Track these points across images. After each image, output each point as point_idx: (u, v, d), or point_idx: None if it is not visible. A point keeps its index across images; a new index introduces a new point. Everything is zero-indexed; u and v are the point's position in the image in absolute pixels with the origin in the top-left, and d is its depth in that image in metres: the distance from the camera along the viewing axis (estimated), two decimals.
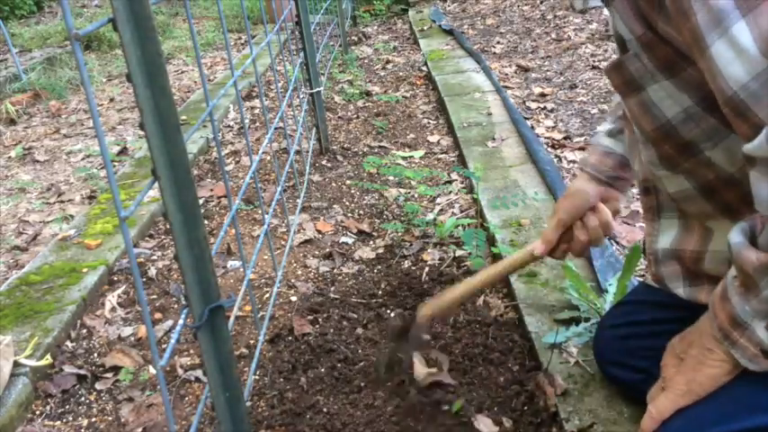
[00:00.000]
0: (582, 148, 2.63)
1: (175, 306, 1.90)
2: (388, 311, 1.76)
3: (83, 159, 3.30)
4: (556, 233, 1.20)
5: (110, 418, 1.50)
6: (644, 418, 0.94)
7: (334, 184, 2.61)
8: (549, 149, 2.64)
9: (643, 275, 1.70)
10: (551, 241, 1.21)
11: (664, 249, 1.07)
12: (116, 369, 1.64)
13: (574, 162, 2.53)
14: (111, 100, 4.35)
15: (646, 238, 1.11)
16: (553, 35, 4.58)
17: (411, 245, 2.10)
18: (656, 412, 0.92)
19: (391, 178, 2.61)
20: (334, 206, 2.42)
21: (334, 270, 2.00)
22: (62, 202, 2.79)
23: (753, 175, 0.74)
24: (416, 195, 2.46)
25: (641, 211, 1.23)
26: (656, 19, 0.81)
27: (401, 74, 4.25)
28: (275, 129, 3.23)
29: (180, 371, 1.61)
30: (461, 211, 2.30)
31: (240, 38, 6.04)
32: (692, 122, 0.87)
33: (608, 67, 0.94)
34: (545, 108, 3.18)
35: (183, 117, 3.51)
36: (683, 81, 0.84)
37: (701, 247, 1.02)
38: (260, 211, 2.42)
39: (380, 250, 2.10)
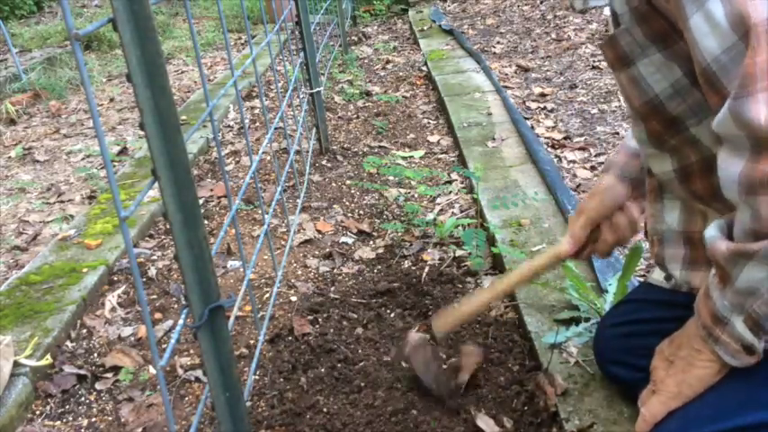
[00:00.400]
0: (582, 148, 2.63)
1: (175, 306, 1.90)
2: (388, 311, 1.76)
3: (83, 159, 3.30)
4: (585, 231, 1.17)
5: (110, 418, 1.50)
6: (637, 421, 0.94)
7: (334, 184, 2.61)
8: (549, 149, 2.64)
9: (643, 275, 1.70)
10: (580, 240, 1.17)
11: (671, 231, 1.07)
12: (116, 369, 1.64)
13: (574, 162, 2.53)
14: (111, 100, 4.35)
15: (647, 219, 1.12)
16: (553, 35, 4.58)
17: (411, 245, 2.10)
18: (649, 415, 0.93)
19: (391, 178, 2.61)
20: (334, 206, 2.42)
21: (334, 270, 2.00)
22: (62, 202, 2.79)
23: (719, 158, 0.77)
24: (416, 195, 2.46)
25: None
26: None
27: (401, 74, 4.25)
28: (275, 129, 3.23)
29: (180, 371, 1.61)
30: (461, 211, 2.30)
31: (240, 38, 6.04)
32: (678, 98, 0.88)
33: (602, 42, 0.96)
34: (545, 108, 3.18)
35: (183, 117, 3.51)
36: (674, 53, 0.86)
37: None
38: (260, 211, 2.42)
39: (380, 250, 2.10)
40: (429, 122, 3.29)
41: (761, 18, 0.70)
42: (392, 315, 1.73)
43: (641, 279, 1.63)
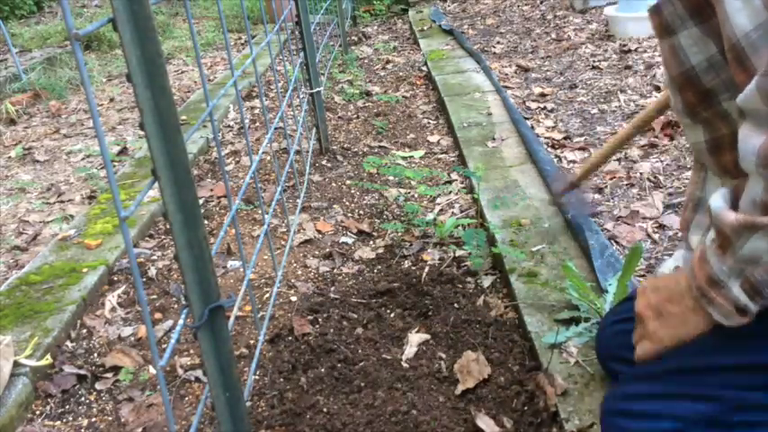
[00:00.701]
0: (582, 148, 2.63)
1: (175, 306, 1.90)
2: (388, 311, 1.76)
3: (83, 159, 3.31)
4: None
5: (110, 418, 1.50)
6: (636, 351, 0.99)
7: (334, 184, 2.62)
8: (549, 149, 2.64)
9: (643, 275, 1.70)
10: None
11: (707, 200, 1.09)
12: (116, 369, 1.64)
13: (574, 162, 2.53)
14: (111, 100, 4.35)
15: (690, 185, 1.15)
16: (553, 35, 4.58)
17: (411, 245, 2.10)
18: (643, 354, 0.98)
19: (391, 178, 2.61)
20: (334, 206, 2.42)
21: (334, 270, 2.00)
22: (62, 202, 2.79)
23: (741, 131, 0.78)
24: (416, 195, 2.46)
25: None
26: None
27: (401, 74, 4.25)
28: (275, 129, 3.23)
29: (180, 371, 1.61)
30: (461, 211, 2.30)
31: (240, 38, 6.04)
32: (713, 72, 0.90)
33: (650, 8, 0.97)
34: (545, 108, 3.18)
35: (183, 117, 3.51)
36: (710, 29, 0.88)
37: None
38: (260, 211, 2.42)
39: (380, 250, 2.10)
40: (429, 122, 3.29)
41: None
42: (392, 315, 1.73)
43: (641, 279, 1.64)
